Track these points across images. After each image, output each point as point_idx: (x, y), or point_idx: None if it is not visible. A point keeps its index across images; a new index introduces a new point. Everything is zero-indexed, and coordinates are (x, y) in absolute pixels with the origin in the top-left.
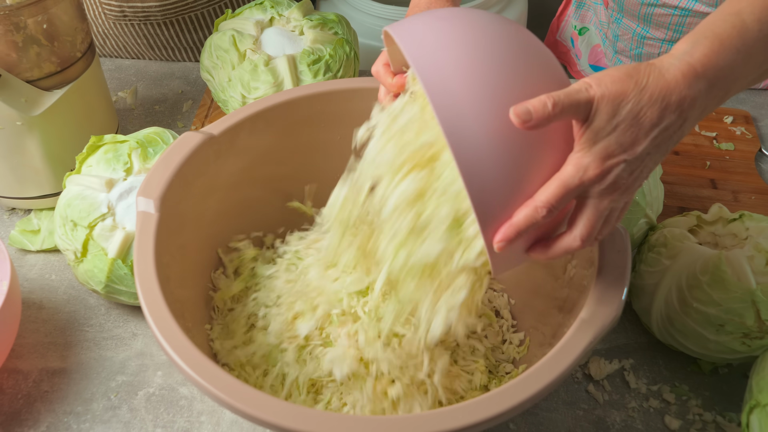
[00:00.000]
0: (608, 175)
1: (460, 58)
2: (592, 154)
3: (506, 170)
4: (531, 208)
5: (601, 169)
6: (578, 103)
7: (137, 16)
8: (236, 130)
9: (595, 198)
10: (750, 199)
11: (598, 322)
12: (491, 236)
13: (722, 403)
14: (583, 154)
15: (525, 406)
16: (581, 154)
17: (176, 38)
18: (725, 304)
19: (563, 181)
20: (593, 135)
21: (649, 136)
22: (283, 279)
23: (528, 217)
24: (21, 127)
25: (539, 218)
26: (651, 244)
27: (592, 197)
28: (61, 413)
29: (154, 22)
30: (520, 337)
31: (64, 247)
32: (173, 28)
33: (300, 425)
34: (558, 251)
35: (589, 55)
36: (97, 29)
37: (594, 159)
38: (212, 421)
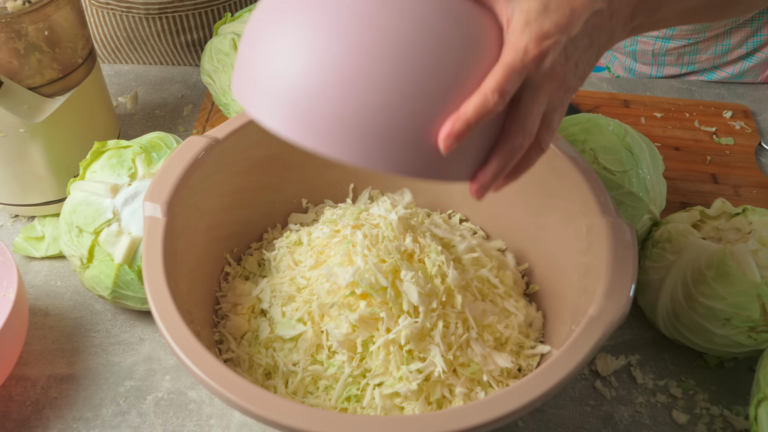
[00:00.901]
0: (546, 57)
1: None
2: (528, 33)
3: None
4: (480, 96)
5: (540, 49)
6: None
7: (120, 6)
8: (241, 133)
9: (532, 89)
10: (751, 193)
11: (606, 318)
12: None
13: (729, 396)
14: (519, 35)
15: (536, 404)
16: (517, 35)
17: (157, 36)
18: (731, 298)
19: (506, 64)
20: (525, 15)
21: (581, 18)
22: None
23: (478, 106)
24: (24, 134)
25: (491, 106)
26: (655, 239)
27: (529, 88)
28: (70, 419)
29: (135, 16)
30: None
31: (70, 253)
32: (155, 25)
33: (311, 426)
34: (504, 161)
35: None
36: (95, 34)
37: (531, 39)
38: (221, 425)
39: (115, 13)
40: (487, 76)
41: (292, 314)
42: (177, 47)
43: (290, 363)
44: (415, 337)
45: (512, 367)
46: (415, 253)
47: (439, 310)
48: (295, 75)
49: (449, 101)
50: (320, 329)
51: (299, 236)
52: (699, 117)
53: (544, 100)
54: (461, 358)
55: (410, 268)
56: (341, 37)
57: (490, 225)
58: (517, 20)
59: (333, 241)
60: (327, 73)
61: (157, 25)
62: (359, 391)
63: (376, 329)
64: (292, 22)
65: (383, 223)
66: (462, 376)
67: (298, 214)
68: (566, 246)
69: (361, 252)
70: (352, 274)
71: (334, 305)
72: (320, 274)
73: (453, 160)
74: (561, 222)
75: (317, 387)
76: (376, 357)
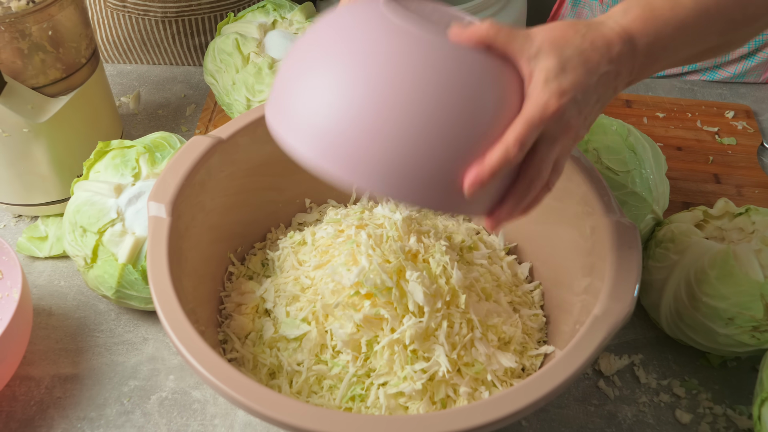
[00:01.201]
0: (564, 112)
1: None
2: (549, 91)
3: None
4: (502, 148)
5: (558, 105)
6: (516, 35)
7: (137, 9)
8: (244, 133)
9: (549, 141)
10: (754, 193)
11: (611, 318)
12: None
13: (732, 396)
14: (540, 92)
15: (541, 403)
16: (538, 91)
17: (172, 39)
18: (734, 298)
19: (528, 119)
20: (545, 73)
21: (594, 76)
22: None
23: (501, 157)
24: (28, 134)
25: (512, 157)
26: (658, 239)
27: (546, 140)
28: (74, 419)
29: (152, 19)
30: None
31: (74, 253)
32: (171, 28)
33: (316, 425)
34: (518, 201)
35: None
36: (99, 33)
37: (551, 95)
38: (225, 424)
39: (131, 16)
40: (509, 126)
41: (297, 314)
42: (190, 49)
43: (294, 363)
44: (419, 336)
45: (516, 366)
46: (419, 253)
47: (443, 310)
48: (340, 121)
49: (475, 149)
50: (324, 329)
51: (303, 236)
52: (701, 117)
53: (557, 150)
54: (465, 358)
55: (415, 268)
56: (386, 88)
57: None
58: (537, 77)
59: (337, 241)
60: (368, 120)
61: (173, 27)
62: (363, 391)
63: (380, 329)
64: (340, 72)
65: (387, 223)
66: (466, 376)
67: (302, 214)
68: (570, 246)
69: (365, 252)
70: (356, 275)
71: (338, 305)
72: (324, 274)
73: (477, 198)
74: (565, 222)
75: (321, 387)
76: (381, 357)
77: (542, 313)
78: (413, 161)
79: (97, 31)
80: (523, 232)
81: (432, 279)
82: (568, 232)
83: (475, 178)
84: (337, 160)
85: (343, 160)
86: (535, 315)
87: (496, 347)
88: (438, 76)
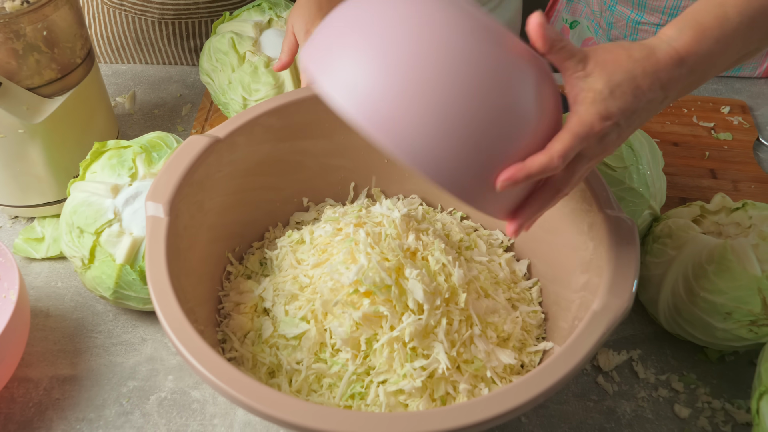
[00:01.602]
0: (606, 135)
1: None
2: (595, 113)
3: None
4: (547, 156)
5: (602, 127)
6: (575, 53)
7: (134, 8)
8: (241, 132)
9: (586, 158)
10: (750, 188)
11: (609, 313)
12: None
13: (730, 390)
14: (586, 111)
15: (541, 399)
16: (584, 109)
17: (167, 40)
18: (732, 293)
19: (574, 134)
20: (593, 94)
21: (641, 102)
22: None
23: (543, 164)
24: (23, 135)
25: (553, 167)
26: (656, 235)
27: (584, 157)
28: (73, 420)
29: (149, 19)
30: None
31: (71, 254)
32: (167, 30)
33: (316, 423)
34: (542, 206)
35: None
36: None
37: (596, 118)
38: (225, 424)
39: (128, 15)
40: (547, 134)
41: (296, 313)
42: (185, 51)
43: (294, 361)
44: (418, 334)
45: (515, 363)
46: (418, 251)
47: (442, 307)
48: (389, 84)
49: (515, 147)
50: (323, 327)
51: (301, 235)
52: (697, 112)
53: (589, 166)
54: (465, 355)
55: (414, 266)
56: (444, 63)
57: (491, 222)
58: (585, 96)
59: (335, 240)
60: (421, 90)
61: (169, 29)
62: (363, 389)
63: (379, 327)
64: (399, 39)
65: (386, 221)
66: (466, 373)
67: (300, 213)
68: (568, 243)
69: (364, 250)
70: (355, 273)
71: (337, 303)
72: (323, 272)
73: (500, 197)
74: (563, 218)
75: (321, 385)
76: (380, 354)
77: (541, 309)
78: (455, 142)
79: (91, 26)
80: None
81: (431, 277)
82: (565, 229)
83: (512, 175)
84: (380, 122)
85: (386, 124)
86: (534, 312)
87: (495, 344)
88: (495, 66)
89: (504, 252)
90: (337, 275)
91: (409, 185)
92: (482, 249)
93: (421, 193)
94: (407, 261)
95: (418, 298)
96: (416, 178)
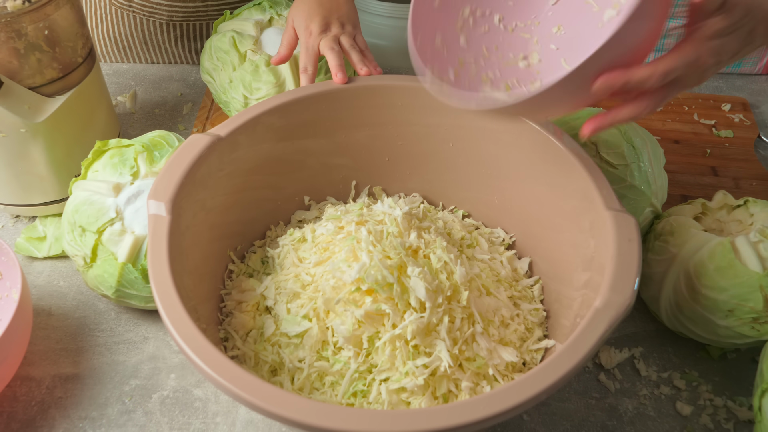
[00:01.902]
0: (708, 69)
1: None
2: (709, 47)
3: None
4: (650, 70)
5: (708, 62)
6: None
7: (143, 10)
8: (243, 131)
9: (679, 83)
10: (751, 185)
11: (612, 310)
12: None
13: (732, 387)
14: (702, 43)
15: (543, 396)
16: (701, 40)
17: (174, 42)
18: (733, 290)
19: (684, 59)
20: (715, 31)
21: (746, 49)
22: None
23: (643, 77)
24: (25, 134)
25: (653, 82)
26: (657, 232)
27: (679, 82)
28: (76, 419)
29: (157, 21)
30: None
31: (73, 252)
32: (174, 31)
33: (319, 421)
34: (624, 116)
35: None
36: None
37: (709, 53)
38: (227, 422)
39: (136, 16)
40: (647, 49)
41: (297, 311)
42: (191, 52)
43: (296, 359)
44: (420, 332)
45: (518, 361)
46: (420, 249)
47: (444, 305)
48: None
49: (622, 54)
50: (326, 326)
51: (303, 233)
52: (698, 110)
53: (679, 91)
54: (467, 353)
55: (416, 264)
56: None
57: (493, 220)
58: (708, 29)
59: (337, 238)
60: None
61: (176, 31)
62: (365, 387)
63: (381, 325)
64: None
65: (387, 219)
66: (468, 371)
67: (301, 212)
68: (570, 240)
69: (366, 248)
70: (357, 271)
71: (339, 301)
72: (325, 270)
73: (580, 97)
74: (564, 216)
75: (323, 383)
76: (382, 352)
77: (542, 307)
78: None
79: (98, 26)
80: (522, 227)
81: (433, 275)
82: (567, 227)
83: (611, 79)
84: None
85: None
86: (536, 309)
87: (497, 342)
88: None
89: (505, 250)
90: (339, 273)
91: (410, 184)
92: (484, 247)
93: (423, 191)
94: (409, 259)
95: (421, 296)
96: (418, 176)
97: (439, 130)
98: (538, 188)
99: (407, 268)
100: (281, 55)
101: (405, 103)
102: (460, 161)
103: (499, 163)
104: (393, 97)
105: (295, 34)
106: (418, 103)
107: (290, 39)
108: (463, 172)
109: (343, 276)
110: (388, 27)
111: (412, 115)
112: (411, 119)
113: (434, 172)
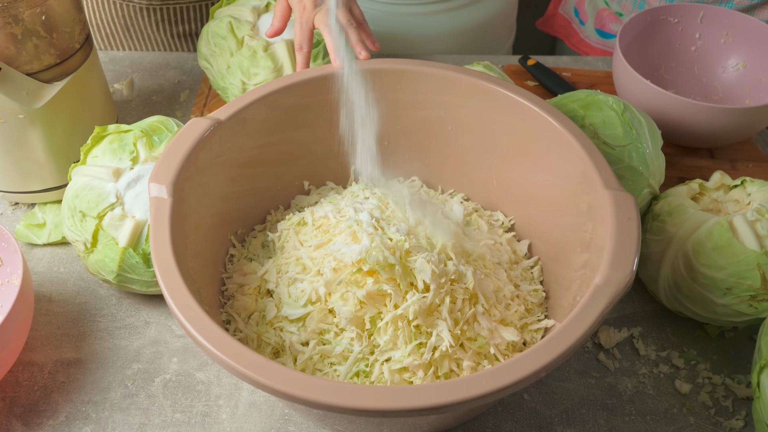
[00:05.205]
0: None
1: None
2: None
3: None
4: None
5: None
6: None
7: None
8: (242, 115)
9: None
10: (747, 167)
11: (611, 287)
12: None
13: (730, 365)
14: None
15: (544, 372)
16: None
17: (155, 27)
18: (731, 268)
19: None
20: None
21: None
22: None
23: None
24: (23, 120)
25: None
26: (655, 213)
27: None
28: (79, 403)
29: (136, 6)
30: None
31: (74, 238)
32: (155, 16)
33: (326, 398)
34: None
35: (594, 19)
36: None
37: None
38: (230, 404)
39: (115, 2)
40: None
41: (299, 295)
42: (174, 37)
43: (298, 342)
44: (422, 312)
45: (518, 340)
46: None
47: (447, 286)
48: None
49: None
50: (327, 307)
51: (303, 217)
52: None
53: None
54: (468, 333)
55: (417, 245)
56: None
57: (491, 202)
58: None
59: (337, 220)
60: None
61: (157, 15)
62: (367, 367)
63: (383, 305)
64: None
65: (391, 200)
66: (469, 350)
67: (301, 197)
68: (569, 222)
69: (366, 230)
70: (359, 252)
71: (341, 282)
72: (326, 252)
73: None
74: (563, 198)
75: (325, 364)
76: (384, 333)
77: (542, 288)
78: None
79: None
80: (521, 209)
81: (439, 257)
82: (566, 209)
83: None
84: None
85: None
86: (535, 290)
87: (498, 322)
88: None
89: (505, 232)
90: (340, 255)
91: (409, 168)
92: (483, 229)
93: (422, 175)
94: (411, 239)
95: (426, 279)
96: (416, 160)
97: (438, 113)
98: (537, 170)
99: (410, 251)
100: (275, 27)
101: (403, 87)
102: (459, 144)
103: (498, 145)
104: (391, 81)
105: (288, 6)
106: (416, 87)
107: (283, 10)
108: (461, 156)
109: (343, 257)
110: (385, 13)
111: (410, 99)
112: (409, 103)
113: (433, 156)
